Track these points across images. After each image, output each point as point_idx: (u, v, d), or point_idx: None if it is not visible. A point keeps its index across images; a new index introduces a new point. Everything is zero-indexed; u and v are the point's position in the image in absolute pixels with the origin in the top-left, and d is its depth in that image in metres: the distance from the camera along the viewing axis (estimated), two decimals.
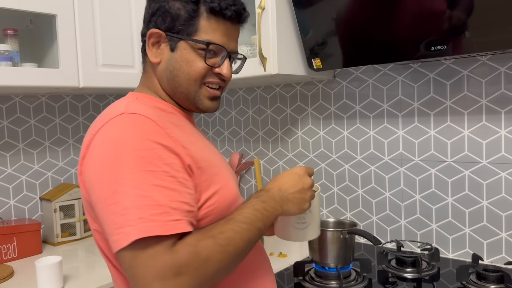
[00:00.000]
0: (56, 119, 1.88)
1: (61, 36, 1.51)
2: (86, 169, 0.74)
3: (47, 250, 1.72)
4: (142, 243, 0.65)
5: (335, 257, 1.25)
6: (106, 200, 0.69)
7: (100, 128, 0.74)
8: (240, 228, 0.73)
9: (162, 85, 0.87)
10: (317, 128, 1.76)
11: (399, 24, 1.23)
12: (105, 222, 0.69)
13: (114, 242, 0.67)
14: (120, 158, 0.69)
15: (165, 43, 0.84)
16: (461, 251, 1.45)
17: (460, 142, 1.42)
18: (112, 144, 0.71)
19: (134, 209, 0.66)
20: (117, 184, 0.68)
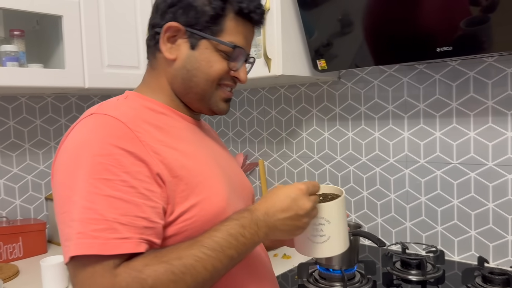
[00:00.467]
0: (61, 120, 1.89)
1: (67, 37, 1.51)
2: (53, 174, 0.71)
3: (52, 249, 1.72)
4: (83, 260, 0.60)
5: (339, 259, 1.25)
6: (59, 208, 0.65)
7: (70, 130, 0.71)
8: (204, 255, 0.63)
9: (174, 84, 0.80)
10: (321, 129, 1.75)
11: (405, 25, 1.22)
12: (59, 229, 0.66)
13: (64, 252, 0.63)
14: (78, 163, 0.64)
15: (183, 39, 0.77)
16: (466, 253, 1.44)
17: (466, 144, 1.41)
18: (74, 147, 0.67)
19: (77, 221, 0.61)
20: (70, 191, 0.64)
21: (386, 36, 1.26)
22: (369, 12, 1.28)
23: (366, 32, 1.30)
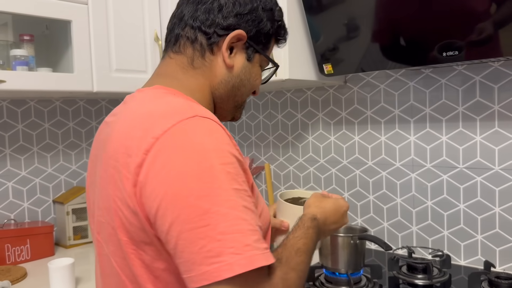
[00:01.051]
0: (69, 123, 1.90)
1: (76, 42, 1.53)
2: (152, 179, 0.59)
3: (59, 252, 1.74)
4: (245, 275, 0.55)
5: (345, 263, 1.25)
6: (192, 222, 0.56)
7: (166, 131, 0.60)
8: (307, 259, 0.72)
9: (218, 89, 0.78)
10: (327, 133, 1.76)
11: (411, 30, 1.23)
12: (188, 248, 0.56)
13: (204, 273, 0.55)
14: (208, 171, 0.58)
15: (241, 49, 0.77)
16: (473, 258, 1.44)
17: (472, 148, 1.41)
18: (195, 153, 0.59)
19: (240, 233, 0.56)
20: (208, 202, 0.56)
21: (392, 40, 1.27)
22: (375, 16, 1.28)
23: (372, 36, 1.31)
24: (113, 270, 0.69)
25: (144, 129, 0.63)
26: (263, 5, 0.78)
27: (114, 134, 0.69)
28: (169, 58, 0.79)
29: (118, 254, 0.67)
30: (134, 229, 0.63)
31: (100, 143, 0.76)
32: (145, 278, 0.64)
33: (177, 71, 0.77)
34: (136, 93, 0.75)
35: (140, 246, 0.63)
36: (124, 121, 0.69)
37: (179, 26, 0.78)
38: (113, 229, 0.66)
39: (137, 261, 0.64)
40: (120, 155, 0.64)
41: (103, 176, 0.69)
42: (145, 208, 0.60)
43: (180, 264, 0.58)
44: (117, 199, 0.64)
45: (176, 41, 0.78)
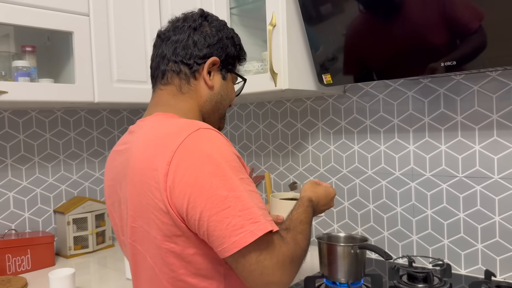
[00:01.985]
0: (71, 133, 1.91)
1: (77, 53, 1.55)
2: (178, 183, 0.75)
3: (60, 262, 1.74)
4: (265, 237, 0.74)
5: (346, 272, 1.25)
6: (216, 207, 0.73)
7: (180, 145, 0.77)
8: (309, 228, 0.92)
9: (204, 106, 0.96)
10: (327, 142, 1.77)
11: (409, 40, 1.24)
12: (218, 227, 0.73)
13: (234, 243, 0.73)
14: (218, 169, 0.75)
15: (217, 71, 0.97)
16: (473, 267, 1.44)
17: (472, 157, 1.42)
18: (205, 157, 0.76)
19: (253, 208, 0.74)
20: (224, 190, 0.74)
21: (391, 50, 1.28)
22: (373, 27, 1.30)
23: (371, 47, 1.32)
24: (147, 265, 0.85)
25: (162, 146, 0.79)
26: (226, 35, 0.98)
27: (133, 157, 0.85)
28: (159, 90, 0.96)
29: (152, 250, 0.82)
30: (166, 226, 0.78)
31: (117, 169, 0.93)
32: (178, 265, 0.80)
33: (169, 99, 0.94)
34: (140, 122, 0.92)
35: (172, 240, 0.79)
36: (140, 146, 0.85)
37: (163, 63, 0.95)
38: (147, 231, 0.82)
39: (170, 254, 0.80)
40: (147, 171, 0.80)
41: (132, 191, 0.84)
42: (177, 206, 0.76)
43: (213, 241, 0.75)
44: (149, 206, 0.80)
45: (163, 75, 0.95)
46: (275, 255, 0.75)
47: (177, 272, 0.81)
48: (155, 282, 0.84)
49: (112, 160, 0.97)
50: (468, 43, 1.15)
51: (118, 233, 0.97)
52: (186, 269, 0.81)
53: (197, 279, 0.81)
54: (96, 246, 1.87)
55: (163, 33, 0.97)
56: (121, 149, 0.93)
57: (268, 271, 0.74)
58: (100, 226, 1.90)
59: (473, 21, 1.13)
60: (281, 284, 0.76)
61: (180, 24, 0.95)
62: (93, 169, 1.99)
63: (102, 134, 2.02)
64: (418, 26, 1.21)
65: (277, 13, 1.43)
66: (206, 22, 0.96)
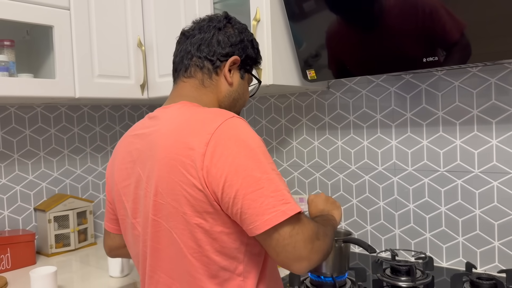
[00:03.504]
0: (51, 130, 1.88)
1: (58, 47, 1.52)
2: (215, 163, 0.81)
3: (41, 261, 1.71)
4: (296, 216, 0.81)
5: (330, 266, 1.26)
6: (251, 187, 0.79)
7: (217, 128, 0.83)
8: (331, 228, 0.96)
9: (223, 101, 1.01)
10: (311, 138, 1.77)
11: (391, 36, 1.25)
12: (251, 205, 0.79)
13: (267, 220, 0.78)
14: (252, 153, 0.82)
15: (236, 70, 1.02)
16: (454, 260, 1.46)
17: (453, 151, 1.44)
18: (240, 141, 0.82)
19: (284, 191, 0.81)
20: (258, 172, 0.80)
21: (373, 47, 1.29)
22: (355, 24, 1.31)
23: (354, 43, 1.33)
24: (172, 240, 0.88)
25: (199, 128, 0.84)
26: (247, 37, 1.04)
27: (164, 138, 0.89)
28: (182, 82, 1.01)
29: (180, 226, 0.86)
30: (199, 203, 0.83)
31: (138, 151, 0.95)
32: (205, 241, 0.85)
33: (191, 91, 1.00)
34: (162, 109, 0.96)
35: (203, 216, 0.83)
36: (171, 127, 0.89)
37: (187, 58, 1.01)
38: (175, 207, 0.85)
39: (199, 229, 0.84)
40: (181, 150, 0.84)
41: (162, 169, 0.87)
42: (212, 185, 0.81)
43: (246, 219, 0.80)
44: (182, 183, 0.83)
45: (186, 69, 1.01)
46: (306, 230, 0.81)
47: (203, 247, 0.85)
48: (179, 258, 0.88)
49: (129, 143, 1.00)
50: (449, 39, 1.16)
51: (127, 216, 0.99)
52: (211, 245, 0.85)
53: (220, 257, 0.85)
54: (78, 244, 1.84)
55: (188, 31, 1.03)
56: (143, 132, 0.96)
57: (300, 245, 0.80)
58: (82, 224, 1.87)
59: (454, 19, 1.14)
60: (310, 260, 0.81)
61: (206, 24, 1.02)
62: (74, 166, 1.96)
63: (83, 130, 1.99)
64: (400, 22, 1.22)
65: (261, 9, 1.43)
66: (230, 24, 1.03)
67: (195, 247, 0.86)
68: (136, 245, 0.98)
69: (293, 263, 0.80)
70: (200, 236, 0.85)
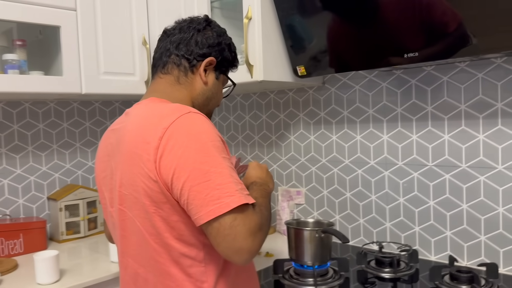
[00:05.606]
0: (64, 124, 1.99)
1: (65, 46, 1.61)
2: (166, 156, 0.86)
3: (52, 246, 1.82)
4: (240, 208, 0.84)
5: (312, 255, 1.30)
6: (198, 179, 0.84)
7: (171, 123, 0.88)
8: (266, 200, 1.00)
9: (197, 99, 1.06)
10: (308, 132, 1.81)
11: (374, 33, 1.28)
12: (197, 196, 0.83)
13: (210, 211, 0.83)
14: (204, 146, 0.86)
15: (212, 71, 1.07)
16: (442, 253, 1.48)
17: (441, 146, 1.45)
18: (193, 135, 0.87)
19: (231, 183, 0.85)
20: (207, 166, 0.84)
21: (357, 43, 1.32)
22: (342, 21, 1.34)
23: (340, 39, 1.36)
24: (136, 229, 0.94)
25: (156, 123, 0.90)
26: (225, 41, 1.09)
27: (128, 133, 0.95)
28: (159, 78, 1.07)
29: (141, 215, 0.92)
30: (154, 193, 0.88)
31: (111, 145, 1.02)
32: (163, 228, 0.90)
33: (166, 87, 1.05)
34: (135, 105, 1.02)
35: (159, 206, 0.89)
36: (134, 122, 0.95)
37: (166, 55, 1.06)
38: (136, 198, 0.91)
39: (157, 217, 0.90)
40: (140, 144, 0.90)
41: (125, 162, 0.94)
42: (163, 176, 0.86)
43: (191, 209, 0.85)
44: (140, 175, 0.89)
45: (164, 66, 1.06)
46: (247, 222, 0.84)
47: (162, 234, 0.91)
48: (143, 244, 0.94)
49: (106, 138, 1.07)
50: (429, 35, 1.18)
51: (107, 205, 1.06)
52: (170, 233, 0.90)
53: (179, 244, 0.91)
54: (88, 232, 1.95)
55: (169, 30, 1.09)
56: (117, 127, 1.03)
57: (240, 237, 0.83)
58: (92, 212, 1.98)
59: (435, 14, 1.16)
60: (250, 251, 0.84)
61: (186, 25, 1.07)
62: (86, 158, 2.07)
63: (94, 124, 2.10)
64: (382, 19, 1.25)
65: (253, 7, 1.48)
66: (209, 27, 1.08)
67: (156, 234, 0.91)
68: (114, 232, 1.06)
69: (233, 254, 0.83)
70: (159, 224, 0.90)
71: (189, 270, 0.92)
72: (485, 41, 1.12)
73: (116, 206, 0.99)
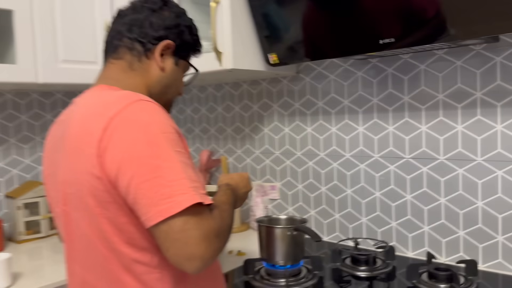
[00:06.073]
0: (22, 116, 1.87)
1: (18, 32, 1.50)
2: (111, 149, 0.76)
3: (10, 247, 1.70)
4: (193, 209, 0.74)
5: (284, 254, 1.23)
6: (147, 175, 0.74)
7: (118, 112, 0.78)
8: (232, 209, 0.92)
9: (153, 87, 0.95)
10: (282, 125, 1.74)
11: (351, 19, 1.20)
12: (145, 195, 0.73)
13: (160, 211, 0.72)
14: (154, 138, 0.76)
15: (170, 55, 0.96)
16: (420, 249, 1.42)
17: (418, 138, 1.39)
18: (142, 126, 0.77)
19: (184, 179, 0.74)
20: (157, 160, 0.74)
21: (331, 29, 1.24)
22: (314, 6, 1.26)
23: (312, 25, 1.28)
24: (82, 232, 0.84)
25: (100, 113, 0.80)
26: (184, 22, 0.98)
27: (73, 124, 0.85)
28: (110, 64, 0.96)
29: (86, 217, 0.82)
30: (99, 192, 0.78)
31: (56, 138, 0.92)
32: (111, 232, 0.80)
33: (118, 73, 0.94)
34: (83, 94, 0.92)
35: (105, 206, 0.79)
36: (79, 113, 0.86)
37: (117, 38, 0.95)
38: (80, 197, 0.81)
39: (103, 220, 0.80)
40: (83, 136, 0.81)
41: (67, 157, 0.85)
42: (108, 172, 0.76)
43: (139, 209, 0.75)
44: (83, 171, 0.79)
45: (115, 50, 0.95)
46: (202, 226, 0.74)
47: (110, 239, 0.81)
48: (91, 250, 0.84)
49: (52, 130, 0.97)
50: (406, 20, 1.11)
51: (53, 206, 0.95)
52: (119, 237, 0.80)
53: (130, 249, 0.81)
54: (50, 231, 1.84)
55: (122, 11, 0.98)
56: (62, 119, 0.94)
57: (192, 242, 0.73)
58: None
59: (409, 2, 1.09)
60: (204, 259, 0.74)
61: (140, 4, 0.96)
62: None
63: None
64: (357, 3, 1.17)
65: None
66: (166, 7, 0.97)
67: (104, 238, 0.81)
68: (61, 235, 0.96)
69: (183, 261, 0.73)
70: (106, 227, 0.80)
71: (142, 277, 0.82)
72: (464, 26, 1.05)
73: (60, 207, 0.89)
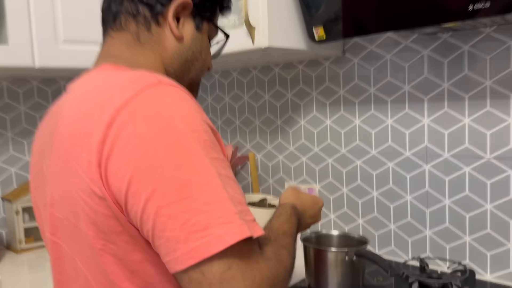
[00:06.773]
0: (21, 107, 1.64)
1: (10, 8, 1.27)
2: (118, 156, 0.53)
3: (8, 258, 1.50)
4: (239, 246, 0.51)
5: (337, 284, 0.97)
6: (171, 195, 0.51)
7: (127, 101, 0.55)
8: (294, 242, 0.72)
9: (172, 64, 0.72)
10: (323, 116, 1.47)
11: None
12: (170, 224, 0.51)
13: (191, 251, 0.50)
14: (181, 140, 0.54)
15: (188, 18, 0.72)
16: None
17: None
18: (163, 121, 0.54)
19: (226, 202, 0.52)
20: (186, 172, 0.52)
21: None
22: None
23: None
24: (78, 272, 0.63)
25: (102, 103, 0.57)
26: None
27: (64, 119, 0.63)
28: (110, 38, 0.72)
29: (84, 252, 0.61)
30: (101, 218, 0.56)
31: (44, 139, 0.70)
32: (119, 275, 0.59)
33: (122, 49, 0.70)
34: (81, 77, 0.69)
35: (110, 239, 0.57)
36: (73, 104, 0.63)
37: (116, 2, 0.71)
38: (75, 224, 0.60)
39: (108, 257, 0.58)
40: (78, 137, 0.58)
41: (56, 168, 0.63)
42: (113, 189, 0.54)
43: (160, 246, 0.53)
44: (78, 188, 0.57)
45: (115, 19, 0.71)
46: (250, 273, 0.52)
47: (119, 285, 0.59)
48: None
49: (41, 127, 0.75)
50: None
51: (43, 227, 0.73)
52: (131, 281, 0.58)
53: None
54: None
55: None
56: (54, 111, 0.72)
57: None
58: None
59: None
60: None
61: None
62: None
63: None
64: None
65: None
66: None
67: (108, 284, 0.59)
68: None
69: None
70: (112, 268, 0.58)
71: None
72: None
73: (47, 235, 0.66)
